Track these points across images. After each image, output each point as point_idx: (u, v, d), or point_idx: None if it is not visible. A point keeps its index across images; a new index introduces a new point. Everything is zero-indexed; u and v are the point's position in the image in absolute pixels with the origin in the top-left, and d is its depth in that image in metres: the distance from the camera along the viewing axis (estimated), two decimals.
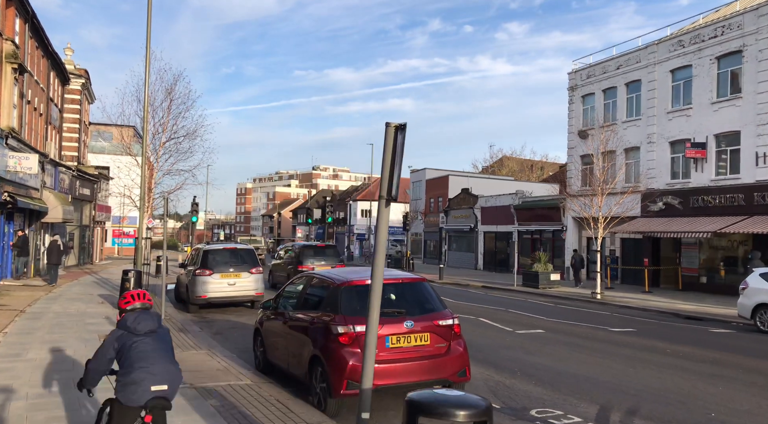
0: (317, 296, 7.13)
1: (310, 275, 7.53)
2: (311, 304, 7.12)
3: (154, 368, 3.79)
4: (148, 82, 16.41)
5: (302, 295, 7.36)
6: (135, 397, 3.73)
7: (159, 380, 3.78)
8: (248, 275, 15.15)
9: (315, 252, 20.40)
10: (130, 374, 3.75)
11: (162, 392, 3.78)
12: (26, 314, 13.33)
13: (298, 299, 7.43)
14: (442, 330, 6.47)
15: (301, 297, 7.37)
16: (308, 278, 7.50)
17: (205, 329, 12.47)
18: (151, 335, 3.99)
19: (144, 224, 17.24)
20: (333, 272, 7.38)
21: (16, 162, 18.05)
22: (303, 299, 7.30)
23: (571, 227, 30.33)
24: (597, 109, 28.80)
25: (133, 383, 3.73)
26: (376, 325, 3.74)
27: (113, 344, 3.91)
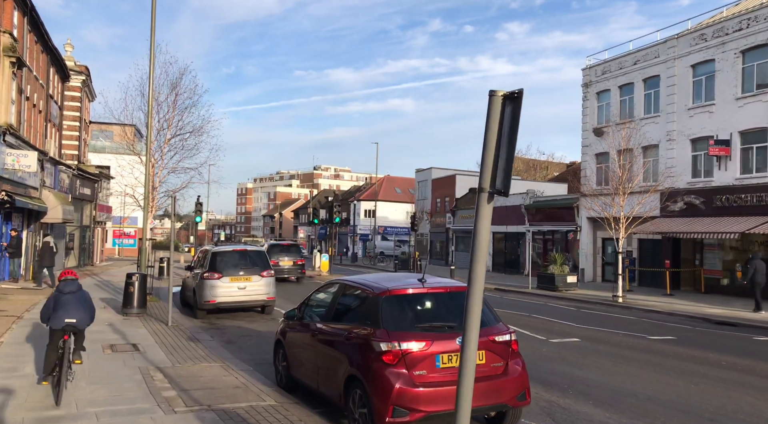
0: (352, 307, 6.30)
1: (343, 282, 6.68)
2: (345, 315, 6.30)
3: (69, 311, 6.85)
4: (152, 74, 15.58)
5: (333, 304, 6.53)
6: (56, 324, 6.83)
7: (70, 316, 6.85)
8: (259, 279, 14.31)
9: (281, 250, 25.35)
10: (56, 313, 6.86)
11: (71, 322, 6.85)
12: (24, 320, 12.51)
13: (328, 310, 6.60)
14: (498, 347, 5.64)
15: (331, 307, 6.54)
16: (340, 286, 6.66)
17: (216, 337, 11.64)
18: (71, 294, 7.05)
19: (148, 225, 16.41)
20: (368, 279, 6.53)
21: (14, 160, 17.23)
22: (334, 309, 6.46)
23: (586, 228, 29.50)
24: (612, 106, 27.97)
25: (57, 318, 6.83)
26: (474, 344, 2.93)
27: (52, 299, 7.09)
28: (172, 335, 11.15)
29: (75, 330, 6.94)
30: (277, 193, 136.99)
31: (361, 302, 6.05)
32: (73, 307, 6.86)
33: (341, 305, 6.45)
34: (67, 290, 7.02)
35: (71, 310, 6.83)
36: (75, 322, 6.82)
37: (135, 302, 13.48)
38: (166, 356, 9.19)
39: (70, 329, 6.83)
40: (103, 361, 8.64)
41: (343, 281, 6.69)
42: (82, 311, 6.95)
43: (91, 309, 7.25)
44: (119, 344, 9.95)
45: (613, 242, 28.84)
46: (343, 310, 6.40)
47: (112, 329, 11.57)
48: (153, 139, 16.47)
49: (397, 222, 72.75)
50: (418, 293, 5.80)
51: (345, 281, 6.69)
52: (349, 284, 6.51)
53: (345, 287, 6.55)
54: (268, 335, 11.87)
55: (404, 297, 5.73)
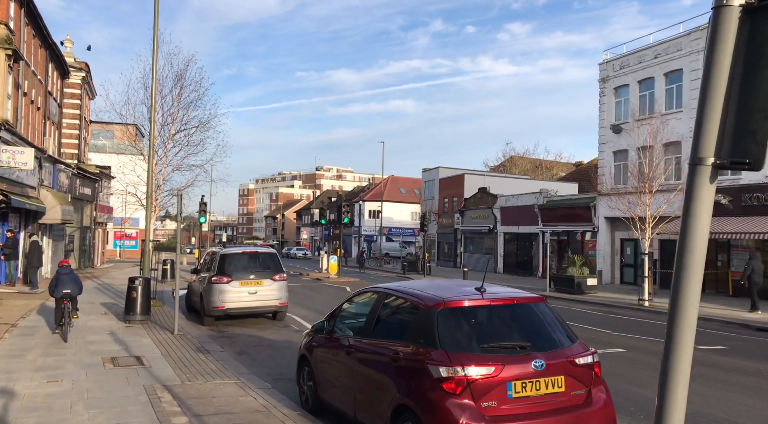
0: (397, 320, 5.33)
1: (383, 290, 5.68)
2: (388, 330, 5.31)
3: (65, 285, 10.38)
4: (155, 65, 14.62)
5: (373, 317, 5.53)
6: (57, 293, 10.36)
7: (66, 288, 10.37)
8: (271, 283, 13.33)
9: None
10: (57, 287, 10.39)
11: (67, 292, 10.36)
12: (18, 328, 11.55)
13: (366, 323, 5.61)
14: (579, 371, 4.66)
15: (370, 320, 5.55)
16: (380, 296, 5.65)
17: (227, 347, 10.67)
18: (65, 275, 10.57)
19: (151, 225, 15.45)
20: (413, 287, 5.54)
21: (10, 157, 16.28)
22: (374, 322, 5.47)
23: (603, 228, 28.51)
24: (632, 101, 26.99)
25: (58, 290, 10.36)
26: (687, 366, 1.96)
27: (55, 279, 10.60)
28: (179, 346, 10.19)
29: (70, 297, 10.59)
30: (279, 194, 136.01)
31: (410, 315, 5.07)
32: (67, 282, 10.60)
33: (383, 318, 5.47)
34: (63, 272, 10.77)
35: (67, 284, 10.57)
36: (69, 292, 10.56)
37: (138, 308, 12.53)
38: (173, 371, 8.23)
39: (67, 296, 10.51)
40: (103, 378, 7.67)
41: (384, 290, 5.69)
42: (73, 284, 10.69)
43: (80, 284, 11.01)
44: (121, 357, 8.98)
45: (632, 243, 27.97)
46: (386, 324, 5.42)
47: (114, 339, 10.61)
48: (156, 134, 15.51)
49: (402, 223, 71.76)
50: (480, 306, 4.83)
51: (385, 289, 5.70)
52: (392, 294, 5.52)
53: (386, 297, 5.56)
54: (282, 345, 10.91)
55: (464, 310, 4.76)
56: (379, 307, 5.50)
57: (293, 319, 14.43)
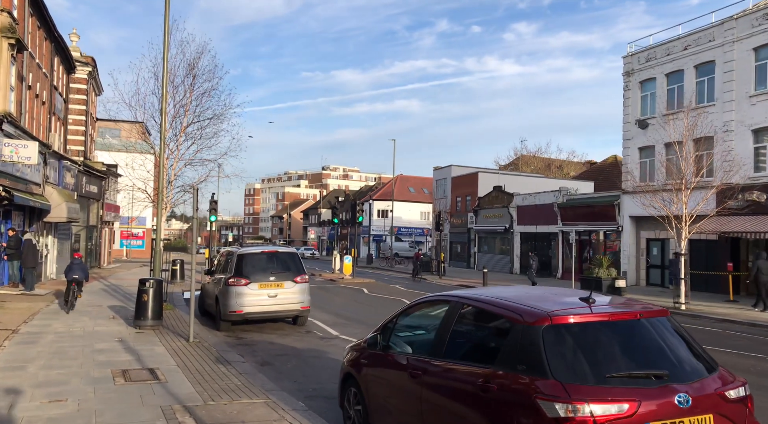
0: (483, 339, 4.32)
1: (458, 300, 4.63)
2: (471, 351, 4.29)
3: (75, 271, 13.73)
4: (166, 54, 13.66)
5: (445, 333, 4.49)
6: (69, 277, 13.66)
7: (75, 274, 13.71)
8: (292, 285, 12.34)
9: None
10: (69, 273, 13.80)
11: (75, 277, 13.70)
12: (20, 335, 10.61)
13: (437, 340, 4.57)
14: (732, 409, 3.62)
15: (442, 337, 4.51)
16: (454, 306, 4.59)
17: (248, 356, 9.69)
18: (76, 265, 14.00)
19: (162, 223, 14.49)
20: (500, 295, 4.48)
21: (13, 150, 15.37)
22: (448, 340, 4.44)
23: (628, 227, 27.40)
24: (659, 95, 25.87)
25: (69, 275, 13.68)
26: None
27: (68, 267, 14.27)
28: (196, 355, 9.21)
29: (77, 281, 13.70)
30: (286, 193, 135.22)
31: (501, 332, 4.05)
32: (77, 270, 13.78)
33: (460, 335, 4.44)
34: (75, 262, 14.05)
35: (76, 271, 13.72)
36: (77, 277, 13.65)
37: (149, 313, 11.56)
38: (193, 386, 7.24)
39: (75, 280, 13.58)
40: (114, 396, 6.70)
41: (458, 299, 4.64)
42: (81, 272, 13.89)
43: (86, 272, 14.69)
44: (134, 370, 8.01)
45: (659, 243, 26.86)
46: (465, 342, 4.40)
47: (124, 347, 9.64)
48: (168, 127, 14.55)
49: (411, 222, 70.72)
50: (597, 322, 3.80)
51: (460, 298, 4.65)
52: (471, 304, 4.47)
53: (462, 308, 4.50)
54: (308, 355, 9.92)
55: (576, 327, 3.73)
56: (453, 320, 4.46)
57: (315, 324, 13.45)
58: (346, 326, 13.25)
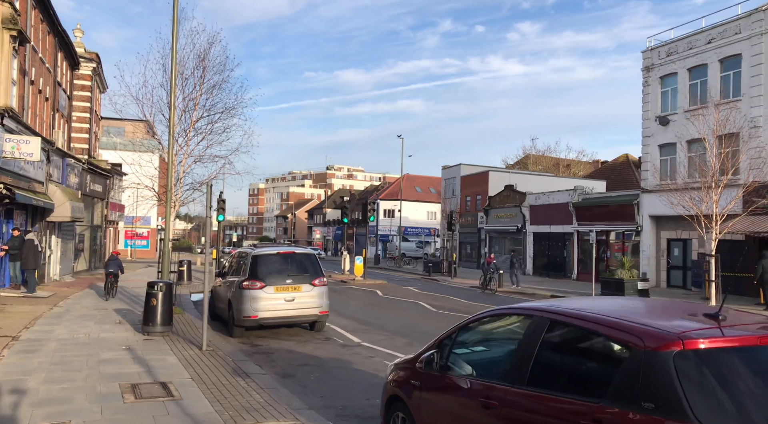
0: (585, 365, 3.51)
1: (542, 314, 3.78)
2: (568, 379, 3.46)
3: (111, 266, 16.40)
4: (175, 44, 12.92)
5: (527, 355, 3.66)
6: (107, 271, 16.41)
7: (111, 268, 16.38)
8: (310, 288, 11.58)
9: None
10: (107, 268, 16.62)
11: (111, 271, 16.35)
12: (20, 342, 9.87)
13: (516, 363, 3.73)
14: None
15: (523, 360, 3.67)
16: (538, 321, 3.73)
17: (266, 367, 8.93)
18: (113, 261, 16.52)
19: (171, 223, 13.75)
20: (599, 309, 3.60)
21: (14, 146, 14.66)
22: (533, 363, 3.62)
23: (648, 227, 26.56)
24: (680, 91, 25.03)
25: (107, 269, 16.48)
26: None
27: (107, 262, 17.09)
28: (211, 366, 8.46)
29: (114, 274, 16.25)
30: (290, 193, 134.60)
31: (612, 357, 3.25)
32: (112, 265, 16.28)
33: (551, 358, 3.63)
34: (112, 258, 16.57)
35: (112, 265, 16.24)
36: (113, 271, 16.22)
37: (158, 318, 10.81)
38: (211, 404, 6.49)
39: (111, 273, 16.19)
40: (124, 417, 5.95)
41: (541, 313, 3.78)
42: (116, 267, 16.26)
43: (121, 267, 16.67)
44: (144, 384, 7.25)
45: (681, 243, 26.01)
46: (557, 368, 3.59)
47: (132, 357, 8.89)
48: (177, 121, 13.81)
49: (418, 222, 69.95)
50: (742, 347, 3.00)
51: (543, 312, 3.79)
52: (563, 320, 3.63)
53: (550, 324, 3.65)
54: (332, 365, 9.15)
55: (717, 355, 2.93)
56: (537, 340, 3.66)
57: (333, 329, 12.68)
58: (366, 331, 12.48)
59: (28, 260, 16.14)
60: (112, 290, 16.49)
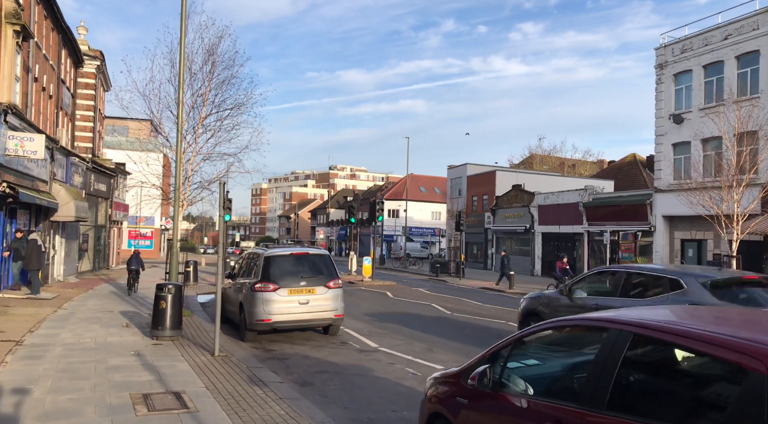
0: (684, 388, 3.00)
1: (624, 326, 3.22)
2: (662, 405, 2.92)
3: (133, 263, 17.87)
4: (183, 35, 12.49)
5: (604, 372, 3.13)
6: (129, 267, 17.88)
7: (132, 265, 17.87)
8: (325, 291, 11.15)
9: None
10: (128, 265, 18.02)
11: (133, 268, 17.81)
12: (24, 347, 9.45)
13: (590, 382, 3.23)
14: None
15: (599, 377, 3.15)
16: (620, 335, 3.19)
17: (282, 374, 8.49)
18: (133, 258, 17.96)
19: (179, 223, 13.32)
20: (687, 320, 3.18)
21: (17, 144, 14.26)
22: (614, 384, 3.10)
23: (661, 227, 26.09)
24: (695, 88, 24.55)
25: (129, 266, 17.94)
26: None
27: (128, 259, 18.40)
28: (225, 373, 8.02)
29: (135, 271, 17.71)
30: (293, 193, 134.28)
31: (721, 380, 2.78)
32: (134, 262, 17.71)
33: (637, 379, 3.14)
34: (134, 256, 17.85)
35: (133, 263, 17.68)
36: (134, 268, 17.66)
37: (168, 322, 10.38)
38: (229, 417, 6.05)
39: (132, 270, 17.60)
40: None
41: (625, 326, 3.22)
42: (137, 265, 17.77)
43: (142, 263, 18.18)
44: (156, 394, 6.82)
45: (695, 244, 25.53)
46: (649, 391, 3.08)
47: (142, 363, 8.46)
48: (185, 118, 13.38)
49: (422, 222, 69.48)
50: None
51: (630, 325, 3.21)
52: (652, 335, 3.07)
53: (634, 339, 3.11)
54: (351, 372, 8.70)
55: None
56: (617, 356, 3.17)
57: (348, 333, 12.24)
58: (382, 335, 12.04)
59: (32, 261, 15.73)
60: (134, 285, 17.86)
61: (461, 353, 10.05)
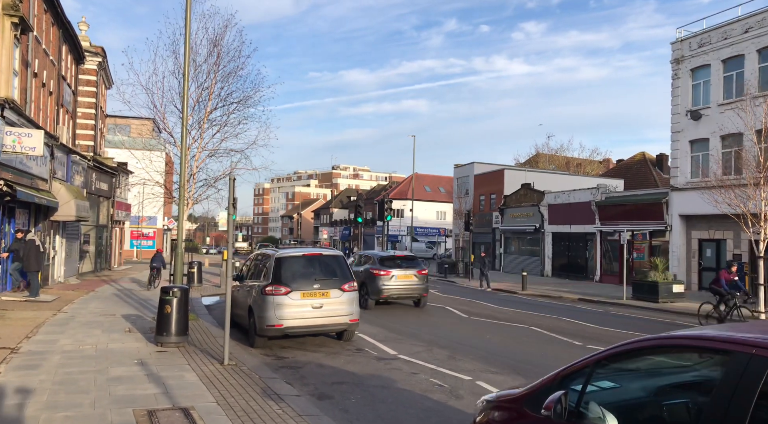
0: None
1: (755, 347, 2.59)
2: None
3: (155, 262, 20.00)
4: (189, 23, 11.84)
5: (733, 404, 2.44)
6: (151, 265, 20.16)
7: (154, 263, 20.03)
8: (339, 294, 10.49)
9: None
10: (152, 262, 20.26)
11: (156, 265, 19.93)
12: (20, 355, 8.82)
13: (712, 416, 2.58)
14: None
15: (726, 410, 2.49)
16: (749, 360, 2.52)
17: (297, 385, 7.84)
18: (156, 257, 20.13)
19: (184, 222, 12.68)
20: None
21: (15, 140, 13.64)
22: (750, 419, 2.44)
23: (678, 227, 25.38)
24: (714, 83, 23.84)
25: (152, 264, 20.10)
26: None
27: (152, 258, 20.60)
28: (237, 385, 7.38)
29: (156, 268, 19.78)
30: (296, 193, 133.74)
31: None
32: (156, 260, 19.84)
33: None
34: (157, 255, 19.92)
35: (156, 261, 19.82)
36: (156, 265, 19.79)
37: (173, 327, 9.74)
38: None
39: (154, 267, 19.77)
40: None
41: (761, 350, 2.55)
42: (159, 262, 19.85)
43: (164, 262, 20.45)
44: (163, 410, 6.17)
45: (714, 244, 24.81)
46: None
47: (146, 374, 7.81)
48: (189, 112, 12.74)
49: (427, 222, 68.81)
50: None
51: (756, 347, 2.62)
52: None
53: None
54: (372, 384, 8.04)
55: None
56: (753, 387, 2.47)
57: (362, 339, 11.58)
58: (399, 341, 11.37)
59: (30, 262, 15.11)
60: (154, 281, 19.73)
61: (487, 362, 9.39)
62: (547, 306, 19.21)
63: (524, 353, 10.26)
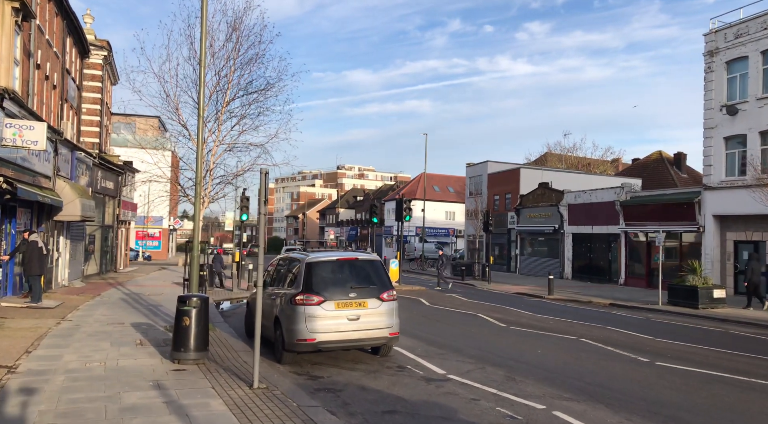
0: None
1: None
2: None
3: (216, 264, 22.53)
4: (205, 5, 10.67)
5: None
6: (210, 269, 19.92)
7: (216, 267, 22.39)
8: (378, 304, 9.31)
9: None
10: (214, 262, 22.82)
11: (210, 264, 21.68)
12: (18, 376, 7.68)
13: None
14: None
15: None
16: None
17: (342, 415, 6.66)
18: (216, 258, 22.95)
19: (199, 223, 11.53)
20: None
21: (16, 133, 12.51)
22: None
23: (711, 228, 24.14)
24: (752, 76, 22.60)
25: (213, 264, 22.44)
26: None
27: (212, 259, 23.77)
28: (272, 416, 6.22)
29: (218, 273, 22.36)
30: (301, 193, 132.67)
31: None
32: (216, 263, 22.38)
33: None
34: (216, 256, 22.93)
35: (217, 264, 22.35)
36: (212, 265, 21.72)
37: (192, 342, 8.58)
38: None
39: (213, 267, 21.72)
40: None
41: None
42: (219, 264, 22.33)
43: (222, 262, 22.91)
44: None
45: (751, 246, 23.57)
46: None
47: (164, 401, 6.65)
48: (206, 102, 11.60)
49: (436, 222, 67.61)
50: None
51: None
52: None
53: None
54: (427, 413, 6.84)
55: None
56: None
57: (401, 353, 10.40)
58: (442, 356, 10.19)
59: (32, 265, 13.99)
60: (219, 281, 21.95)
61: (553, 384, 8.20)
62: (581, 313, 18.02)
63: (589, 372, 9.07)
